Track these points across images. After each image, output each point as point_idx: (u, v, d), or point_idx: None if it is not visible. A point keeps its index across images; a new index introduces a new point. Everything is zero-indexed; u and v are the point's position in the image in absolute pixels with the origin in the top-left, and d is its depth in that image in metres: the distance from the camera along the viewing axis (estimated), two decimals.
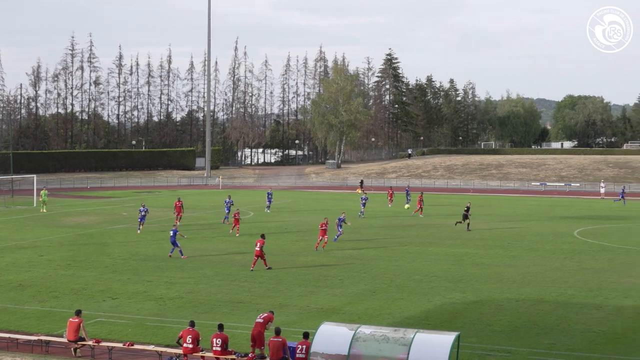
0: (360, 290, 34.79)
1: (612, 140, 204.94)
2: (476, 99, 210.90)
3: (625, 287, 35.63)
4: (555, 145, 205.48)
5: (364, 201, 69.91)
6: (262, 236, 40.21)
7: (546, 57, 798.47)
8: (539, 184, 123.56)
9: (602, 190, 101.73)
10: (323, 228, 46.08)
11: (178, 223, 56.53)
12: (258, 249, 39.22)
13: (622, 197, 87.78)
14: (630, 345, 25.32)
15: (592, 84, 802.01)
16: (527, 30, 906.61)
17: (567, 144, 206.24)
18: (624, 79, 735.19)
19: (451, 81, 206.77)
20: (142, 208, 56.48)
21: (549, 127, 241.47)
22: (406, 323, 27.49)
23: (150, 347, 24.45)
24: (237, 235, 53.06)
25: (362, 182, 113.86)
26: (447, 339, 20.79)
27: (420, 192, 75.99)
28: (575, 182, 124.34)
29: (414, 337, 20.50)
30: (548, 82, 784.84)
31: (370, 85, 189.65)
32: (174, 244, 43.65)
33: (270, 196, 74.47)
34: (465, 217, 57.97)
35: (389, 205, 79.20)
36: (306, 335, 22.23)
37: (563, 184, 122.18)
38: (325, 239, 46.30)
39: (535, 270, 40.31)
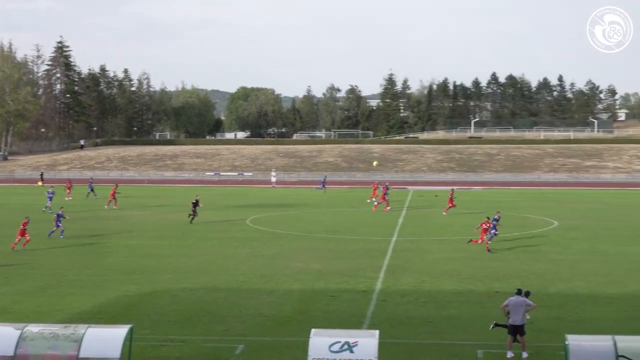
0: (28, 287, 33.18)
1: (283, 130, 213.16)
2: (151, 89, 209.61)
3: (294, 272, 37.12)
4: (229, 135, 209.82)
5: (50, 195, 66.36)
6: None
7: (220, 50, 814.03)
8: (213, 173, 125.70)
9: (274, 179, 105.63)
10: (24, 227, 43.33)
11: None
12: None
13: (323, 185, 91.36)
14: (298, 327, 26.36)
15: (264, 77, 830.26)
16: (203, 22, 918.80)
17: (241, 135, 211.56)
18: (292, 72, 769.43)
19: (125, 71, 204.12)
20: None
21: (223, 118, 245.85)
22: (78, 319, 26.60)
23: None
24: None
25: (42, 174, 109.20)
26: (119, 332, 20.36)
27: (114, 184, 74.22)
28: (248, 171, 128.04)
29: (85, 332, 19.83)
30: (222, 74, 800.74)
31: (40, 74, 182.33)
32: None
33: None
34: (194, 210, 57.25)
35: (67, 198, 76.21)
36: None
37: (236, 174, 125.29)
38: (27, 238, 43.40)
39: (209, 259, 40.83)
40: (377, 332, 19.71)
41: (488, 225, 44.36)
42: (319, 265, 39.06)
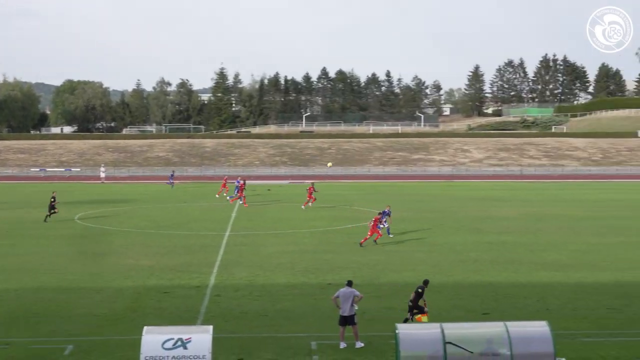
0: None
1: (112, 125, 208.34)
2: None
3: (125, 269, 36.31)
4: (55, 130, 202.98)
5: None
6: None
7: (44, 42, 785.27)
8: (38, 169, 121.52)
9: (103, 175, 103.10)
10: None
11: None
12: None
13: (171, 181, 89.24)
14: (130, 325, 25.79)
15: (91, 70, 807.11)
16: (23, 12, 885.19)
17: (68, 129, 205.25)
18: (121, 65, 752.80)
19: None
20: None
21: (48, 112, 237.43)
22: None
23: None
24: None
25: None
26: None
27: None
28: (75, 167, 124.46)
29: None
30: (47, 67, 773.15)
31: None
32: None
33: None
34: (52, 207, 54.54)
35: None
36: None
37: (63, 170, 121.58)
38: None
39: (35, 258, 39.35)
40: (210, 327, 19.54)
41: (376, 220, 44.42)
42: (151, 261, 38.41)
